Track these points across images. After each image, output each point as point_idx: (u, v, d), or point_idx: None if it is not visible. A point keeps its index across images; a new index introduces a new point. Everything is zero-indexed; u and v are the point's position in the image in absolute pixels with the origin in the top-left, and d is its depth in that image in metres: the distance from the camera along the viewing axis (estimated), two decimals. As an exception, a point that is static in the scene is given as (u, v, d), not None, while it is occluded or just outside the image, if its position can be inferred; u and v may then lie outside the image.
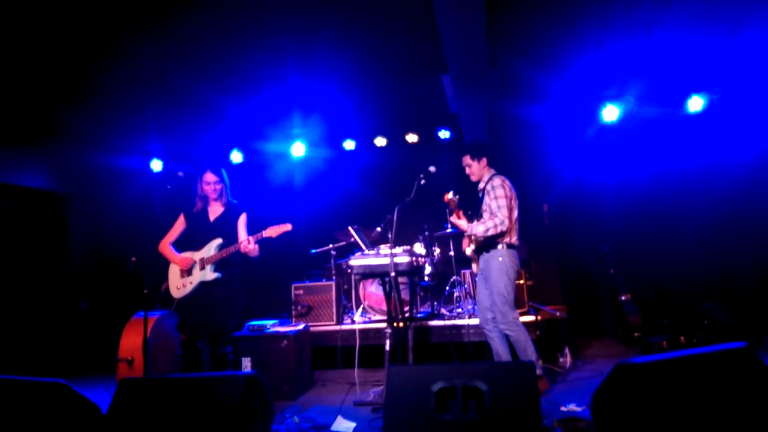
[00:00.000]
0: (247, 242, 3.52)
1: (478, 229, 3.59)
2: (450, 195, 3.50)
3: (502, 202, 3.62)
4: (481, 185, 3.84)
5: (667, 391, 2.14)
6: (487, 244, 3.69)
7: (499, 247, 3.65)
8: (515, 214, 3.71)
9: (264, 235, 3.56)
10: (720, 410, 2.10)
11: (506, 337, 3.67)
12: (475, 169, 3.83)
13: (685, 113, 5.51)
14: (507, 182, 3.75)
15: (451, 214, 3.69)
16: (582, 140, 6.01)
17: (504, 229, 3.58)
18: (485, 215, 3.70)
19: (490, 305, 3.66)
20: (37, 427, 2.65)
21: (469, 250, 3.87)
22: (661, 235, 5.84)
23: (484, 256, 3.72)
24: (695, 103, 5.39)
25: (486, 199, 3.71)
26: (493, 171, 3.85)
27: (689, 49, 4.62)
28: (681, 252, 5.73)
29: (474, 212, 3.84)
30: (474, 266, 3.91)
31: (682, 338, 4.60)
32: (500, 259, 3.64)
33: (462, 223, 3.65)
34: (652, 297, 5.73)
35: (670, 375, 2.19)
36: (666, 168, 5.81)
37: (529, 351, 3.53)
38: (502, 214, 3.58)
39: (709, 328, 4.80)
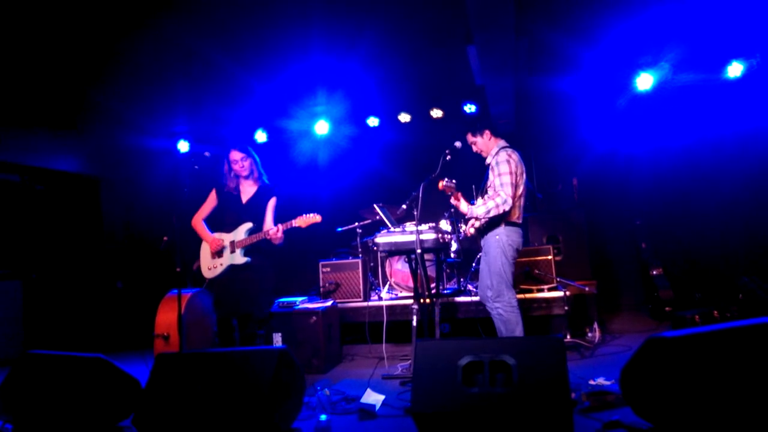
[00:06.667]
0: (275, 230, 3.55)
1: (479, 211, 3.46)
2: (444, 182, 3.40)
3: (507, 179, 3.45)
4: (488, 160, 3.67)
5: (699, 366, 2.11)
6: (488, 221, 3.57)
7: (499, 224, 3.51)
8: (520, 190, 3.55)
9: (293, 224, 3.59)
10: (754, 386, 2.05)
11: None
12: (481, 144, 3.69)
13: (721, 80, 5.25)
14: (514, 156, 3.57)
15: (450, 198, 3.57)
16: (613, 111, 5.81)
17: (507, 208, 3.42)
18: (489, 191, 3.56)
19: (490, 284, 3.54)
20: (81, 400, 2.78)
21: (471, 229, 3.75)
22: (695, 208, 5.65)
23: (484, 234, 3.62)
24: (734, 69, 5.14)
25: (490, 175, 3.56)
26: (501, 143, 3.68)
27: (728, 12, 4.36)
28: (715, 225, 5.54)
29: (479, 189, 3.69)
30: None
31: (716, 312, 4.48)
32: (497, 237, 3.50)
33: (462, 205, 3.52)
34: (684, 271, 5.59)
35: (702, 349, 2.14)
36: (701, 137, 5.58)
37: (516, 333, 3.41)
38: (506, 193, 3.42)
39: (744, 303, 4.66)
